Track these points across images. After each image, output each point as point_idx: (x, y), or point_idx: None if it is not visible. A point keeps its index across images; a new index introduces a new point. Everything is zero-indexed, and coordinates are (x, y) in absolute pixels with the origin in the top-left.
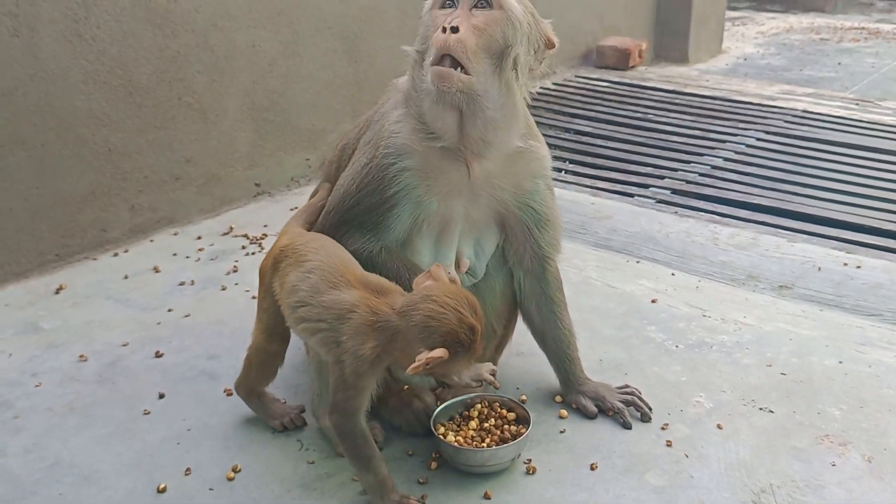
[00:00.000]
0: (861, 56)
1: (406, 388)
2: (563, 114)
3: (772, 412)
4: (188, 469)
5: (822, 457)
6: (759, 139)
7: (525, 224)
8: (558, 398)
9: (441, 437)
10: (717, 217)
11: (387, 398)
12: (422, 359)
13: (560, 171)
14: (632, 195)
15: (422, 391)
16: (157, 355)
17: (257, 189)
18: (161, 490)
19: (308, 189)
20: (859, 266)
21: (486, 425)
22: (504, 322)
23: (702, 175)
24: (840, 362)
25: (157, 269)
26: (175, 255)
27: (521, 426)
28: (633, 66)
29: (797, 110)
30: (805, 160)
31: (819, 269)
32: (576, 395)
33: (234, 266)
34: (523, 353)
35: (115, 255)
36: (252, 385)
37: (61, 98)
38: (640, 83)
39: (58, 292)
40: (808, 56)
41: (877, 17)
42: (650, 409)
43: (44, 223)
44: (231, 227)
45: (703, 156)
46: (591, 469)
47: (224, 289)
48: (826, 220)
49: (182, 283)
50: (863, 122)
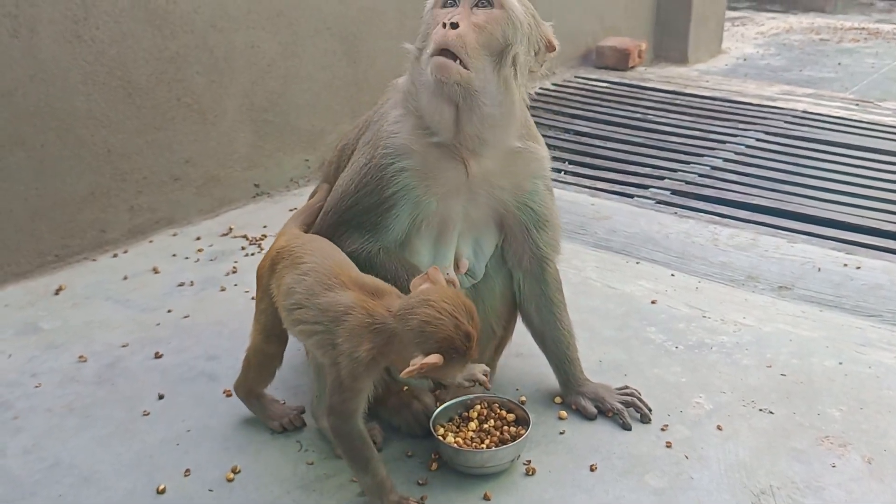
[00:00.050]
0: (861, 56)
1: (405, 388)
2: (563, 114)
3: (772, 413)
4: (187, 470)
5: (822, 458)
6: (758, 140)
7: (524, 224)
8: (558, 399)
9: (440, 438)
10: (717, 218)
11: (386, 399)
12: (416, 363)
13: (559, 171)
14: (631, 196)
15: (421, 392)
16: (157, 356)
17: (256, 190)
18: (160, 491)
19: (307, 189)
20: (859, 267)
21: (486, 426)
22: (504, 323)
23: (701, 176)
24: (840, 363)
25: (156, 270)
26: (174, 255)
27: (520, 427)
28: (632, 67)
29: (797, 111)
30: (805, 161)
31: (819, 269)
32: (575, 397)
33: (234, 267)
34: (523, 354)
35: (115, 255)
36: (251, 386)
37: (61, 99)
38: (640, 84)
39: (57, 293)
40: (808, 56)
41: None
42: (650, 410)
43: (43, 224)
44: (230, 228)
45: (702, 156)
46: (591, 470)
47: (223, 290)
48: (826, 220)
49: (181, 284)
50: (863, 123)
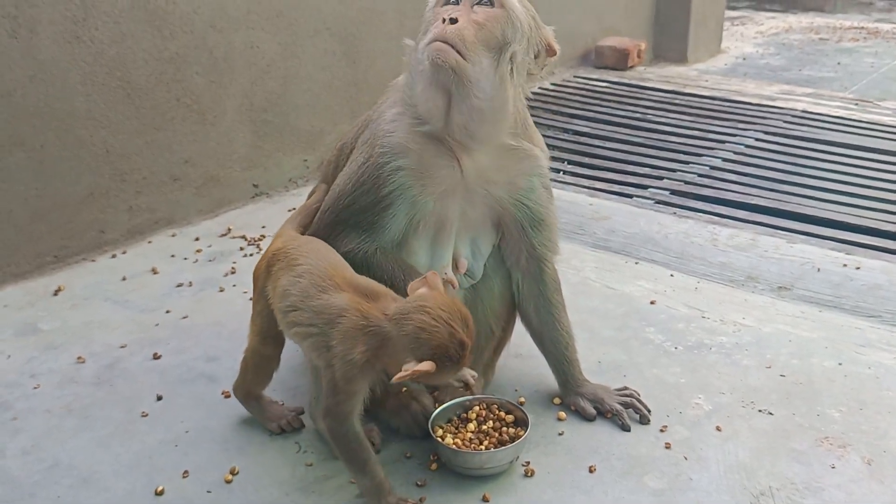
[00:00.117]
0: (860, 56)
1: (404, 390)
2: (562, 114)
3: (771, 414)
4: (186, 471)
5: (822, 459)
6: (758, 139)
7: (520, 223)
8: (557, 400)
9: (439, 439)
10: (716, 218)
11: (385, 400)
12: (408, 369)
13: (558, 171)
14: (630, 196)
15: (420, 393)
16: (156, 357)
17: (255, 190)
18: (159, 493)
19: (306, 190)
20: (858, 267)
21: (485, 427)
22: (502, 324)
23: (701, 176)
24: (839, 364)
25: (155, 271)
26: (173, 256)
27: (519, 428)
28: (631, 67)
29: (796, 110)
30: (804, 160)
31: (818, 270)
32: (574, 397)
33: (233, 267)
34: (522, 355)
35: (114, 256)
36: (249, 388)
37: (60, 99)
38: (639, 83)
39: (56, 294)
40: (808, 56)
41: (876, 16)
42: (649, 410)
43: (42, 224)
44: (229, 229)
45: (701, 156)
46: (590, 471)
47: (222, 290)
48: (825, 220)
49: (180, 285)
50: (862, 123)
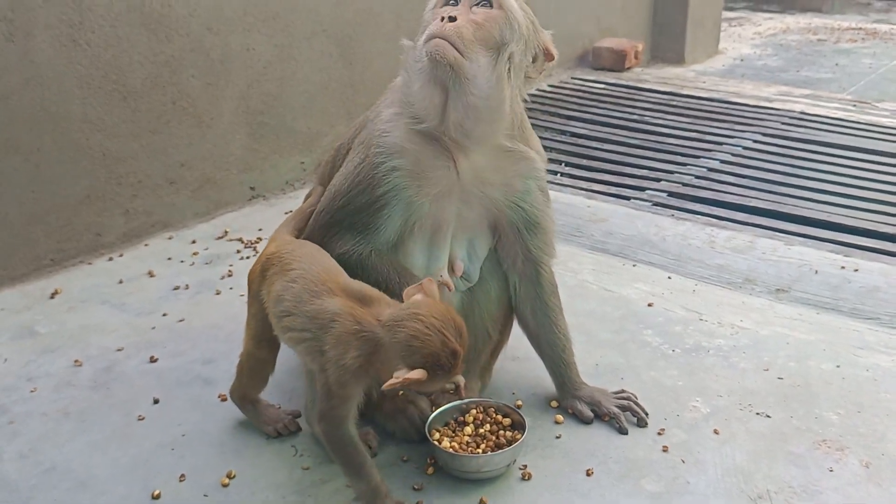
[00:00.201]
0: (858, 57)
1: (401, 393)
2: (559, 116)
3: (769, 417)
4: (182, 475)
5: (820, 462)
6: (755, 141)
7: (515, 225)
8: (554, 403)
9: (436, 442)
10: (714, 220)
11: (381, 403)
12: (399, 377)
13: (556, 173)
14: (628, 198)
15: (416, 396)
16: (152, 360)
17: (252, 193)
18: (155, 496)
19: (303, 192)
20: (856, 269)
21: (482, 431)
22: (499, 327)
23: (698, 178)
24: (837, 366)
25: (151, 274)
26: (170, 259)
27: (516, 432)
28: (629, 68)
29: (794, 112)
30: (802, 162)
31: (816, 272)
32: (572, 400)
33: (229, 270)
34: (519, 358)
35: (110, 259)
36: (245, 391)
37: (56, 103)
38: (637, 85)
39: (53, 297)
40: (806, 57)
41: (874, 17)
42: (646, 413)
43: (39, 228)
44: (226, 231)
45: (699, 158)
46: (587, 475)
47: (219, 293)
48: (823, 222)
49: (177, 288)
50: (860, 124)
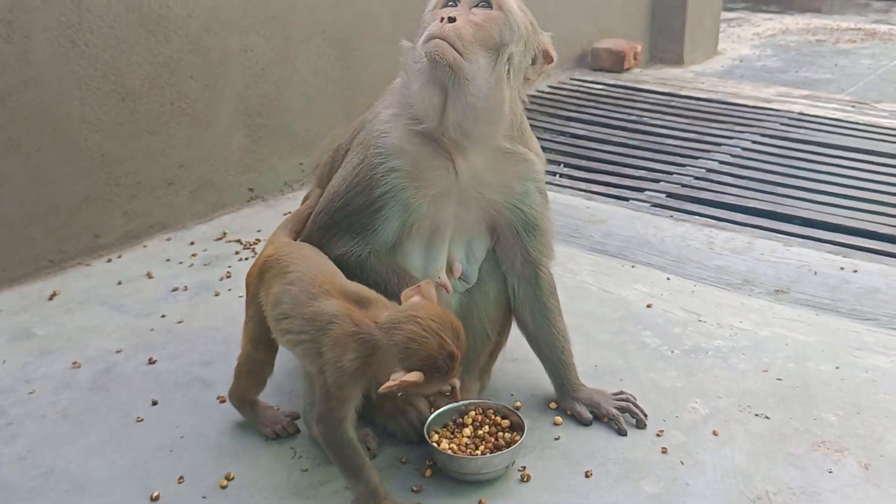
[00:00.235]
0: (857, 57)
1: (399, 394)
2: (558, 117)
3: (768, 418)
4: (181, 477)
5: (819, 463)
6: (754, 142)
7: (514, 227)
8: (553, 404)
9: (435, 444)
10: (713, 221)
11: (381, 405)
12: (396, 379)
13: (555, 174)
14: (627, 199)
15: (415, 398)
16: (151, 362)
17: (250, 194)
18: (154, 498)
19: (301, 193)
20: (855, 270)
21: (481, 432)
22: (498, 328)
23: (697, 178)
24: (836, 367)
25: (150, 275)
26: (168, 260)
27: (515, 433)
28: (628, 69)
29: (793, 113)
30: (801, 163)
31: (815, 273)
32: (570, 402)
33: (228, 272)
34: (518, 359)
35: (109, 260)
36: (243, 393)
37: (55, 104)
38: (636, 85)
39: (52, 298)
40: (805, 57)
41: (873, 17)
42: (645, 415)
43: (38, 229)
44: (224, 233)
45: (698, 159)
46: (586, 476)
47: (217, 294)
48: (822, 223)
49: (175, 289)
50: (859, 125)
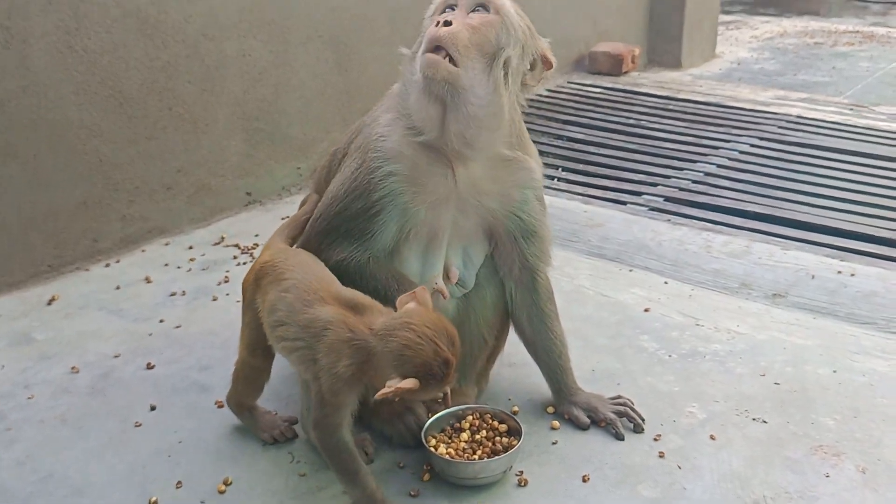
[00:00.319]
0: (855, 60)
1: (396, 399)
2: (556, 120)
3: (765, 422)
4: (179, 482)
5: (816, 468)
6: (752, 145)
7: (512, 234)
8: (550, 409)
9: (432, 449)
10: (710, 225)
11: (378, 409)
12: (392, 386)
13: (552, 178)
14: (624, 203)
15: (414, 403)
16: (149, 367)
17: (248, 198)
18: (153, 503)
19: (299, 198)
20: (853, 274)
21: (478, 437)
22: (495, 333)
23: (695, 182)
24: (834, 371)
25: (148, 280)
26: (166, 265)
27: (512, 438)
28: (626, 72)
29: (791, 116)
30: (799, 166)
31: (813, 277)
32: (568, 406)
33: (226, 276)
34: (515, 364)
35: (107, 265)
36: (241, 399)
37: (53, 109)
38: (633, 89)
39: (50, 303)
40: (803, 60)
41: (871, 20)
42: (643, 419)
43: (36, 234)
44: (222, 237)
45: (696, 162)
46: (583, 481)
47: (215, 299)
48: (820, 227)
49: (173, 294)
50: (857, 128)
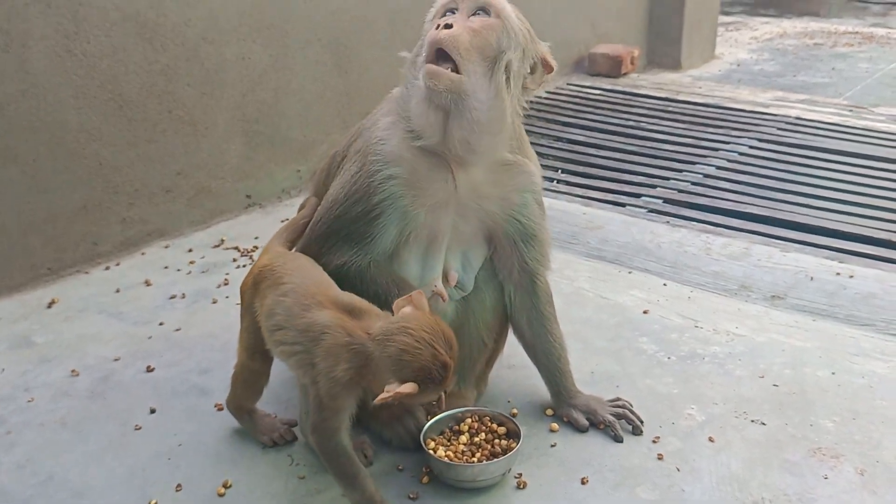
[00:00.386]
0: (855, 61)
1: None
2: (555, 122)
3: (764, 424)
4: (179, 485)
5: (815, 470)
6: (751, 147)
7: (511, 238)
8: (549, 411)
9: (431, 451)
10: (710, 227)
11: (377, 412)
12: (391, 391)
13: (552, 180)
14: (624, 205)
15: (413, 406)
16: (149, 370)
17: (248, 201)
18: None
19: (299, 200)
20: (852, 276)
21: (477, 440)
22: (494, 335)
23: (694, 184)
24: (833, 373)
25: (148, 283)
26: (166, 268)
27: (511, 440)
28: (625, 74)
29: (790, 117)
30: (798, 168)
31: (812, 278)
32: (567, 409)
33: (225, 279)
34: (514, 366)
35: (107, 268)
36: (240, 402)
37: (52, 113)
38: (633, 91)
39: (50, 306)
40: (802, 61)
41: (871, 20)
42: (642, 422)
43: (36, 237)
44: (222, 240)
45: (695, 164)
46: (582, 483)
47: (215, 302)
48: (819, 229)
49: (173, 297)
50: (856, 129)
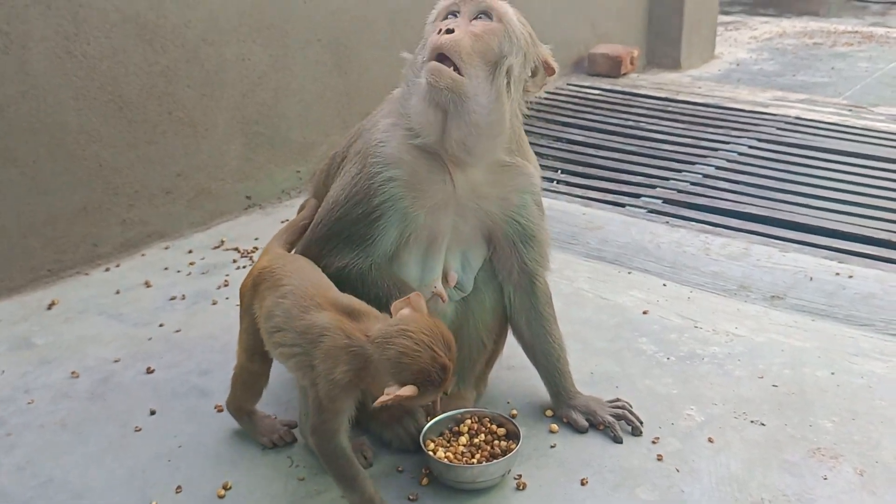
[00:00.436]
0: (854, 60)
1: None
2: (555, 122)
3: (763, 425)
4: (179, 487)
5: (814, 470)
6: (751, 147)
7: (511, 239)
8: (549, 412)
9: (431, 452)
10: (709, 227)
11: (377, 413)
12: (390, 393)
13: (552, 181)
14: (623, 205)
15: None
16: (149, 371)
17: (248, 202)
18: None
19: (299, 201)
20: (851, 276)
21: (476, 441)
22: (494, 336)
23: (693, 184)
24: (832, 373)
25: (148, 284)
26: (166, 269)
27: (511, 441)
28: (624, 74)
29: (790, 117)
30: (797, 168)
31: (811, 279)
32: (566, 409)
33: (225, 280)
34: (514, 367)
35: (107, 269)
36: (240, 403)
37: (52, 114)
38: (632, 91)
39: (50, 308)
40: (802, 61)
41: (870, 20)
42: (641, 422)
43: (36, 239)
44: (222, 241)
45: (694, 164)
46: (582, 484)
47: (215, 303)
48: (818, 229)
49: (173, 298)
50: (856, 129)
